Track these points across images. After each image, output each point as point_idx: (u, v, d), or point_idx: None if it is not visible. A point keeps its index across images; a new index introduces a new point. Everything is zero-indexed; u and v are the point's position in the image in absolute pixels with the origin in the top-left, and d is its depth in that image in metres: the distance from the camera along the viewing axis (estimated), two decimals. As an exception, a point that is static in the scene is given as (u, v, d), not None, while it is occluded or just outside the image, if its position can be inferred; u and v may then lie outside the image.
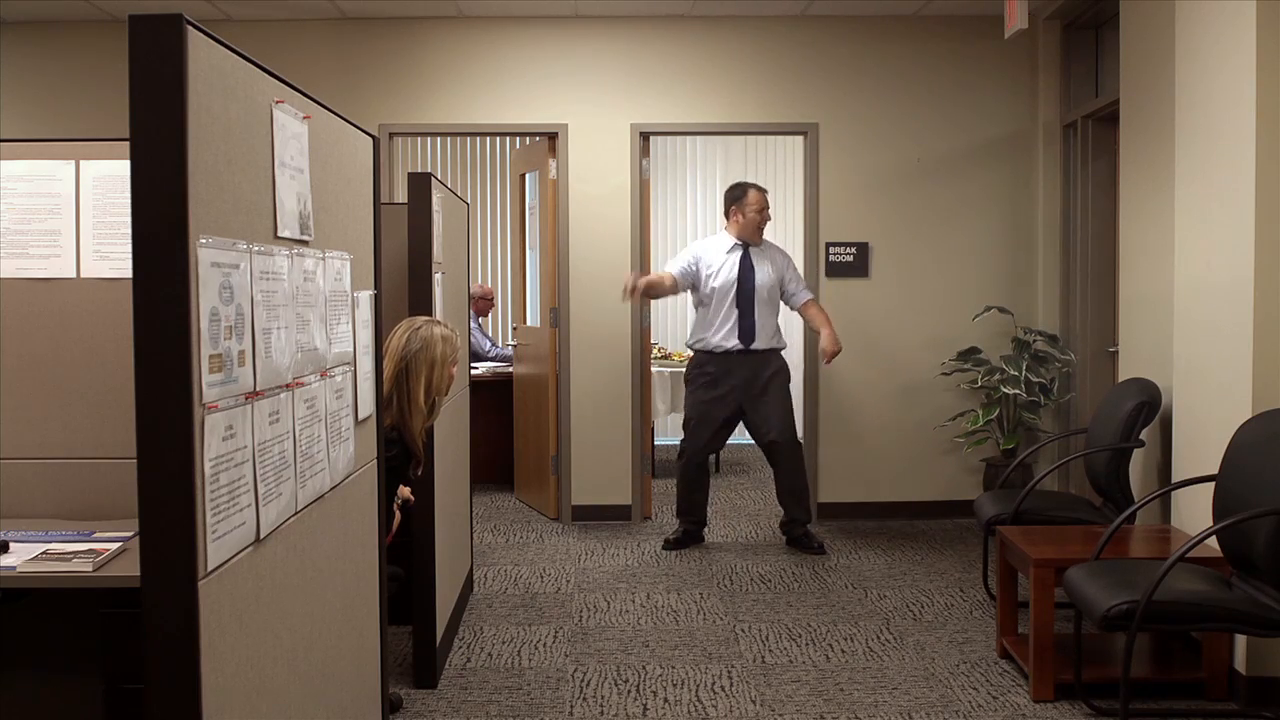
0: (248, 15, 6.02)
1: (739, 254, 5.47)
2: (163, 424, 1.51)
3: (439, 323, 3.33)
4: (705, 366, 5.49)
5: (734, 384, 5.43)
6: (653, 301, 6.38)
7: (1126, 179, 4.68)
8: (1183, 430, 3.96)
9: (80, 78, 6.06)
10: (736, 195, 5.53)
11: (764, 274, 5.45)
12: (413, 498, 3.55)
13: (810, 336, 6.29)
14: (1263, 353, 3.45)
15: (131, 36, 1.49)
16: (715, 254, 5.49)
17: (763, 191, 5.53)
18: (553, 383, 6.26)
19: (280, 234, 1.90)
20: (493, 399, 7.04)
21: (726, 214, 5.57)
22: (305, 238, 2.04)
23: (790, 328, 7.58)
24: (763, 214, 5.48)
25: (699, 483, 5.66)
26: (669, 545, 5.57)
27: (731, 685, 3.71)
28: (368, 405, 2.52)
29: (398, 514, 3.40)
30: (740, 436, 8.85)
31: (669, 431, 9.08)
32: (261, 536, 1.79)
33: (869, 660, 3.95)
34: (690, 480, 5.64)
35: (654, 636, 4.22)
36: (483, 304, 7.91)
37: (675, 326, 9.12)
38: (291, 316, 1.95)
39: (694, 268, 5.50)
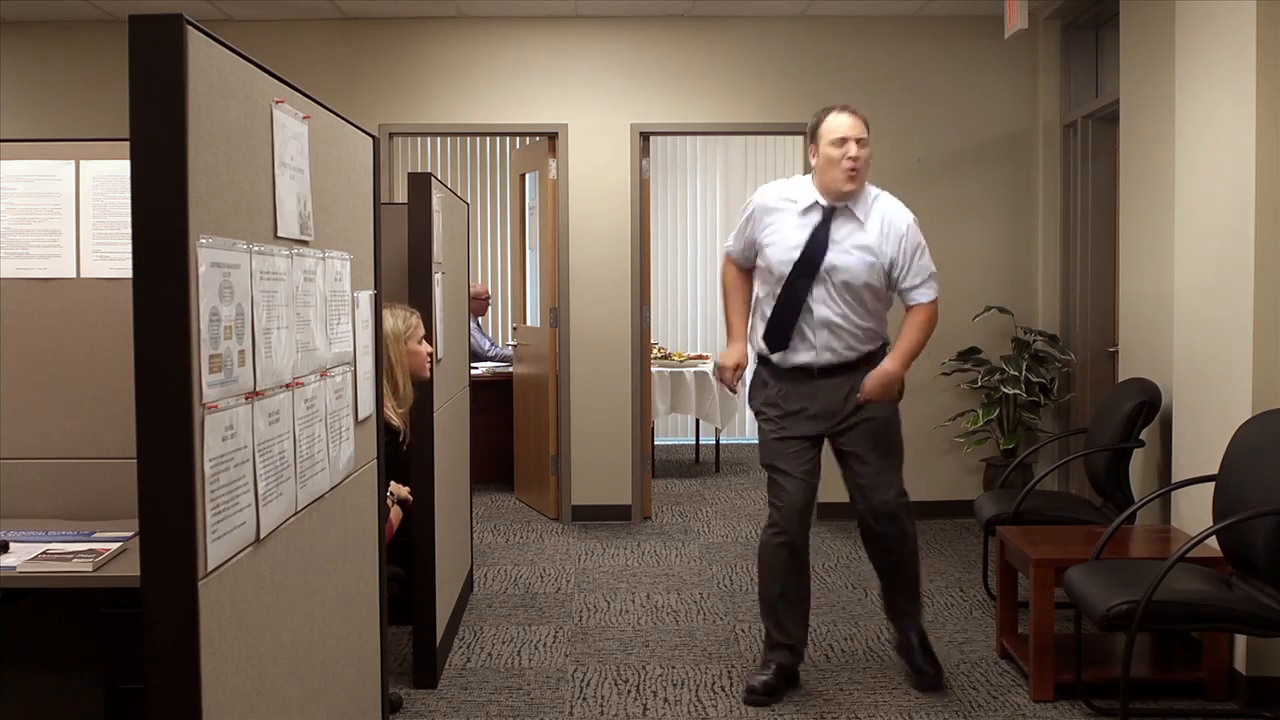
0: (248, 15, 6.02)
1: (816, 217, 3.60)
2: (163, 424, 1.51)
3: (391, 305, 3.41)
4: (766, 384, 3.74)
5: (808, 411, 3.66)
6: (653, 300, 6.35)
7: (1126, 179, 4.68)
8: (1183, 430, 3.96)
9: (80, 78, 6.06)
10: (812, 125, 3.67)
11: (846, 253, 3.56)
12: (411, 497, 3.55)
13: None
14: (1263, 353, 3.45)
15: (131, 36, 1.49)
16: (783, 211, 3.64)
17: (852, 114, 3.59)
18: (553, 383, 6.26)
19: (280, 234, 1.90)
20: (493, 399, 7.04)
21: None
22: (305, 238, 2.04)
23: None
24: (844, 145, 3.52)
25: (782, 574, 3.66)
26: (753, 694, 3.60)
27: (731, 685, 3.71)
28: (368, 405, 2.52)
29: (395, 509, 3.40)
30: (738, 435, 8.94)
31: (669, 431, 9.09)
32: (261, 536, 1.79)
33: (869, 660, 3.94)
34: (768, 565, 3.68)
35: (654, 636, 4.21)
36: (478, 304, 7.90)
37: (676, 326, 9.12)
38: (291, 316, 1.95)
39: (750, 234, 3.69)
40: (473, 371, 6.23)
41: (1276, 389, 3.44)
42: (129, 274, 1.51)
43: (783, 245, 3.58)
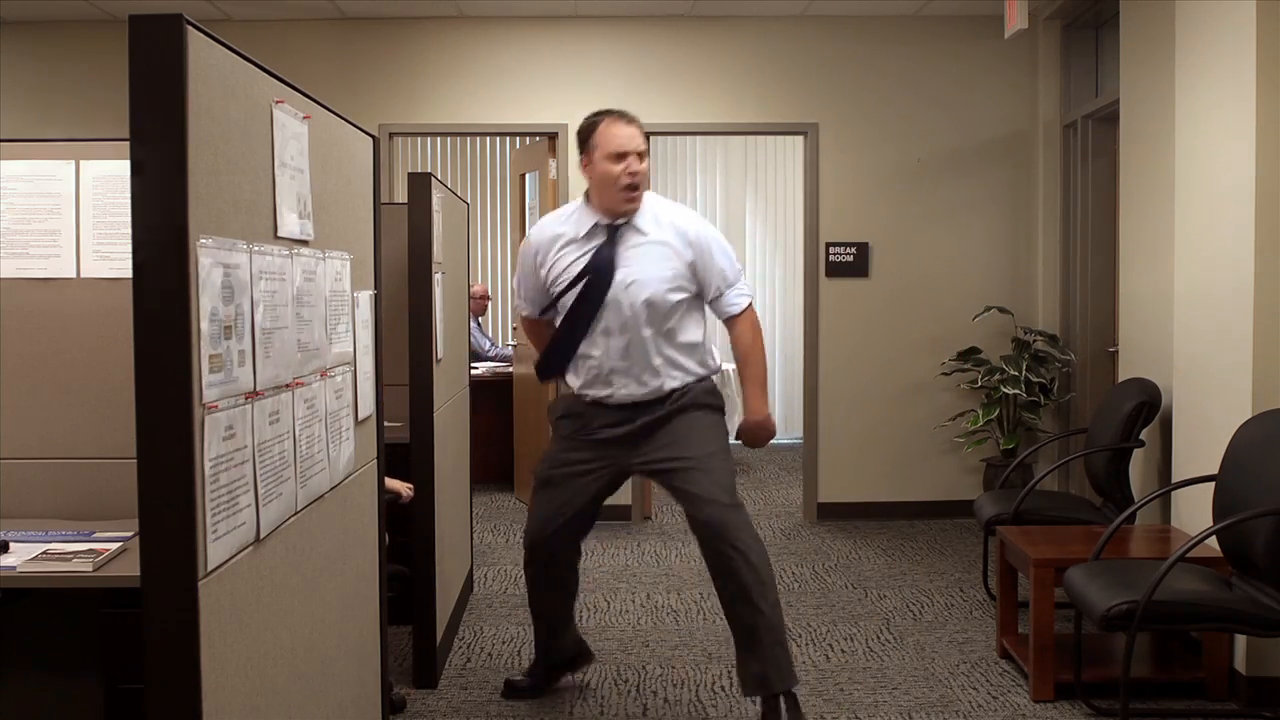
0: (248, 15, 6.02)
1: (598, 241, 3.21)
2: (163, 424, 1.51)
3: None
4: (562, 414, 3.40)
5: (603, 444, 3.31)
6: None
7: (1126, 179, 4.68)
8: (1183, 430, 3.96)
9: (80, 78, 6.06)
10: (583, 132, 3.26)
11: (636, 273, 3.15)
12: (411, 493, 3.55)
13: (810, 326, 6.29)
14: (1263, 353, 3.45)
15: (131, 36, 1.49)
16: (564, 244, 3.25)
17: (629, 123, 3.20)
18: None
19: (280, 234, 1.90)
20: (493, 399, 7.04)
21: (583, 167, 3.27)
22: (305, 238, 2.04)
23: (795, 319, 7.54)
24: (624, 160, 3.13)
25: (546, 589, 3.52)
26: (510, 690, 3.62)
27: (731, 685, 3.71)
28: (368, 405, 2.52)
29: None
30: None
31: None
32: (261, 536, 1.79)
33: (869, 660, 3.94)
34: (533, 581, 3.51)
35: (654, 636, 4.21)
36: (478, 304, 7.90)
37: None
38: (291, 316, 1.95)
39: (540, 274, 3.31)
40: (473, 371, 6.23)
41: (1276, 389, 3.44)
42: (129, 274, 1.51)
43: (567, 279, 3.20)
